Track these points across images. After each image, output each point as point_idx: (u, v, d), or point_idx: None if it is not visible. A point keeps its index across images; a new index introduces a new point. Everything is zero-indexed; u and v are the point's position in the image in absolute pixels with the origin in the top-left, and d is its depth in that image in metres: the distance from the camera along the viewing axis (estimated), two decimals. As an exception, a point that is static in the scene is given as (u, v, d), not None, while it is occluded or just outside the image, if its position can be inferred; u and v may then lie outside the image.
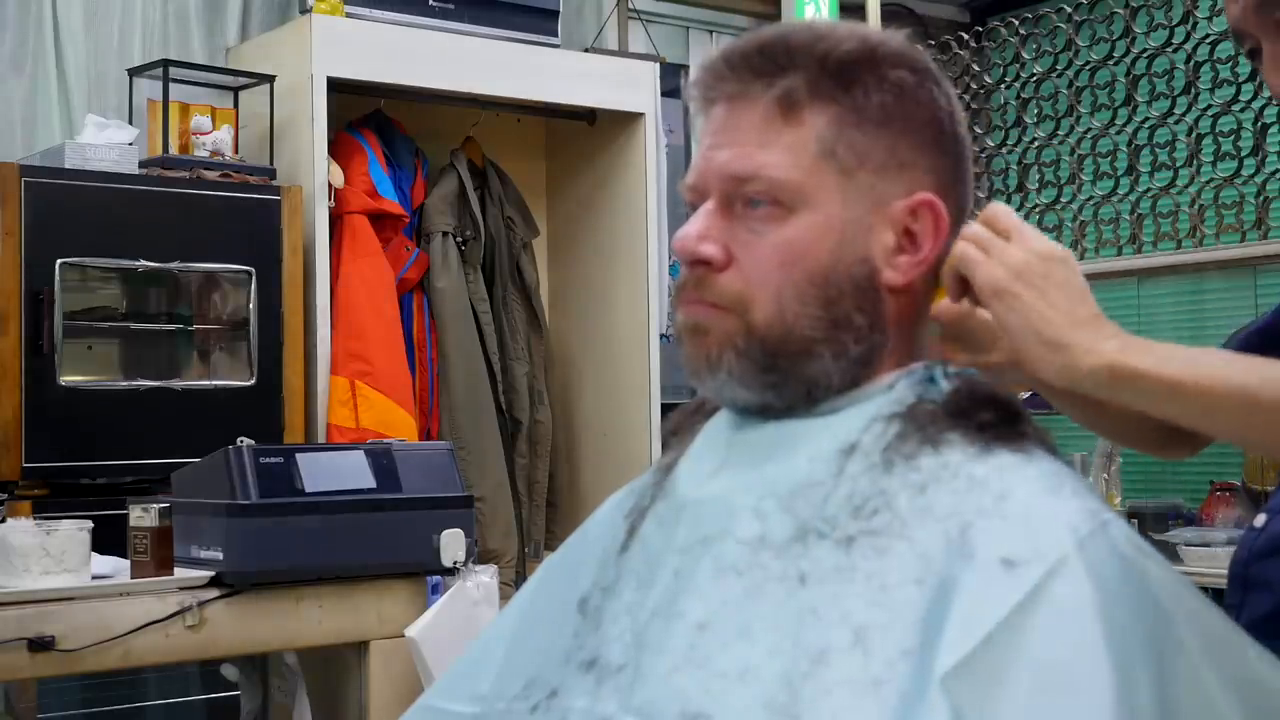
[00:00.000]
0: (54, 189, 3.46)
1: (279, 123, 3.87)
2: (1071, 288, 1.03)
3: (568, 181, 4.67)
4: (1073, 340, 1.02)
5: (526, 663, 1.11)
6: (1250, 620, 1.22)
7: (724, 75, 1.06)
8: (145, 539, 2.52)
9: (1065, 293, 1.03)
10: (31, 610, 2.38)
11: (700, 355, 1.05)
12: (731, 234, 1.05)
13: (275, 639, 2.69)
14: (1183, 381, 1.01)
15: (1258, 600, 1.22)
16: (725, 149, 1.05)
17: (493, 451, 4.17)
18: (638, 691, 0.99)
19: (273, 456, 2.70)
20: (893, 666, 0.90)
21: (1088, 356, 1.01)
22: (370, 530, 2.74)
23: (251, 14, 4.36)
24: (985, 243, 1.04)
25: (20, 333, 3.40)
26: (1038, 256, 1.03)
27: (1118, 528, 0.94)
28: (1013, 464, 0.98)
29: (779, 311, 1.03)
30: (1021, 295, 1.02)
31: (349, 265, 3.89)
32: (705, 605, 0.99)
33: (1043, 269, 1.03)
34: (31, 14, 4.00)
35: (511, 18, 4.24)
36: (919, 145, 1.05)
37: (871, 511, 0.97)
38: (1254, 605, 1.22)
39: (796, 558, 0.97)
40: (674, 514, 1.06)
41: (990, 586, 0.90)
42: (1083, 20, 4.22)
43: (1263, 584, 1.22)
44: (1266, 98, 3.81)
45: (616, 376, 4.46)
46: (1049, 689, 0.86)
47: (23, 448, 3.39)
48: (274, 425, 3.68)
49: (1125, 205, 4.11)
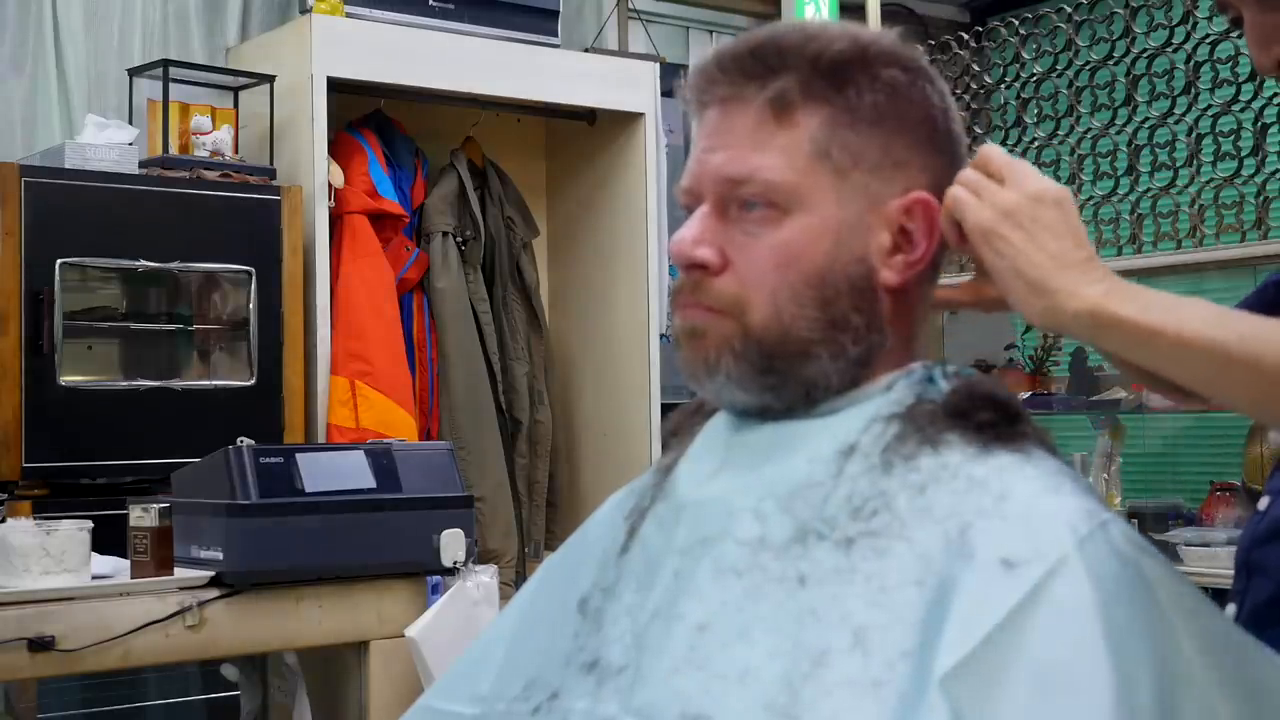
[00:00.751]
0: (54, 189, 3.46)
1: (279, 123, 3.87)
2: (1062, 229, 1.01)
3: (568, 181, 4.67)
4: (1058, 284, 1.00)
5: (527, 663, 1.11)
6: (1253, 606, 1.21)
7: (716, 78, 1.06)
8: (145, 539, 2.52)
9: (1054, 235, 1.01)
10: (31, 610, 2.38)
11: (698, 359, 1.05)
12: (727, 237, 1.04)
13: (275, 639, 2.69)
14: (1162, 330, 0.99)
15: (1259, 586, 1.21)
16: (719, 152, 1.05)
17: (493, 451, 4.17)
18: (638, 693, 0.99)
19: (273, 456, 2.70)
20: (892, 667, 0.90)
21: (1071, 300, 1.00)
22: (370, 530, 2.74)
23: (251, 14, 4.36)
24: (976, 185, 1.03)
25: (20, 333, 3.40)
26: (1028, 198, 1.02)
27: (1117, 528, 0.94)
28: (1012, 464, 0.98)
29: (776, 313, 1.02)
30: (1009, 238, 1.01)
31: (349, 265, 3.89)
32: (705, 607, 0.99)
33: (1032, 211, 1.01)
34: (31, 14, 4.00)
35: (511, 18, 4.24)
36: (913, 144, 1.05)
37: (871, 512, 0.97)
38: (1256, 591, 1.21)
39: (796, 559, 0.97)
40: (673, 515, 1.06)
41: (990, 587, 0.90)
42: (1083, 20, 4.22)
43: (1264, 569, 1.21)
44: (1266, 98, 3.81)
45: (616, 376, 4.46)
46: (1049, 689, 0.85)
47: (23, 448, 3.39)
48: (274, 425, 3.68)
49: (1125, 205, 4.11)
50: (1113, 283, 1.01)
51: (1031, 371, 4.32)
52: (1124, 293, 1.00)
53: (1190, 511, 3.94)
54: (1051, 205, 1.02)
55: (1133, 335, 1.00)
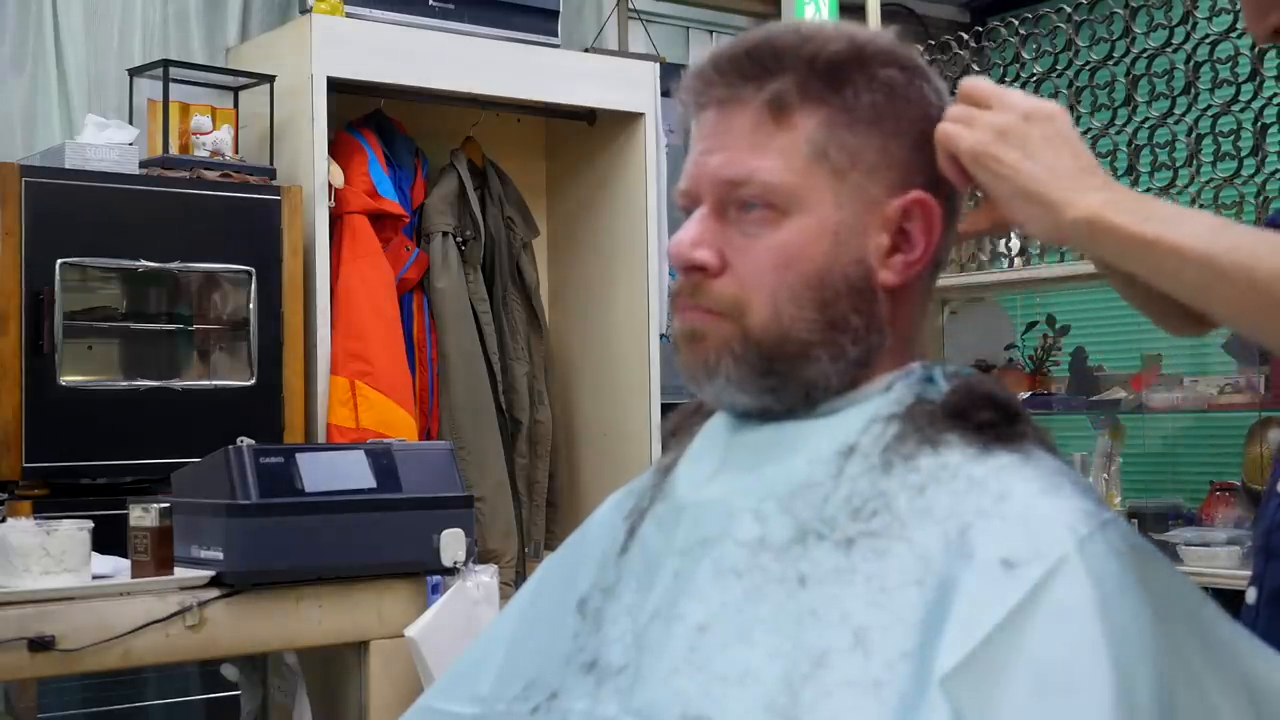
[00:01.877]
0: (54, 189, 3.46)
1: (279, 123, 3.87)
2: (1058, 142, 1.00)
3: (568, 181, 4.67)
4: (1056, 194, 0.99)
5: (526, 664, 1.11)
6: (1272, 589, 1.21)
7: (713, 80, 1.06)
8: (145, 539, 2.52)
9: (1050, 148, 1.00)
10: (31, 610, 2.38)
11: (698, 361, 1.05)
12: (726, 239, 1.04)
13: (275, 639, 2.69)
14: (1158, 240, 0.97)
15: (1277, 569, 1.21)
16: (717, 154, 1.05)
17: (493, 451, 4.17)
18: (638, 693, 0.99)
19: (273, 456, 2.70)
20: (893, 668, 0.90)
21: (1069, 210, 0.99)
22: (370, 530, 2.74)
23: (251, 14, 4.36)
24: (965, 116, 1.02)
25: (20, 333, 3.40)
26: (1019, 116, 1.01)
27: (1117, 527, 0.94)
28: (1012, 464, 0.97)
29: (775, 315, 1.02)
30: (1003, 157, 1.00)
31: (349, 265, 3.89)
32: (705, 607, 0.99)
33: (1024, 128, 1.01)
34: (31, 14, 4.00)
35: (511, 18, 4.24)
36: (911, 144, 1.05)
37: (871, 513, 0.97)
38: (1274, 574, 1.21)
39: (796, 559, 0.97)
40: (673, 516, 1.06)
41: (990, 587, 0.89)
42: (1083, 20, 4.22)
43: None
44: (1266, 97, 3.81)
45: (616, 376, 4.46)
46: (1049, 689, 0.85)
47: (23, 448, 3.39)
48: (274, 425, 3.68)
49: (1125, 205, 4.10)
50: (1113, 192, 0.99)
51: (1031, 371, 4.32)
52: (1124, 202, 0.99)
53: (1190, 511, 3.94)
54: (1044, 120, 1.01)
55: (1128, 244, 0.98)
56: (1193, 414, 4.10)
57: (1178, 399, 3.88)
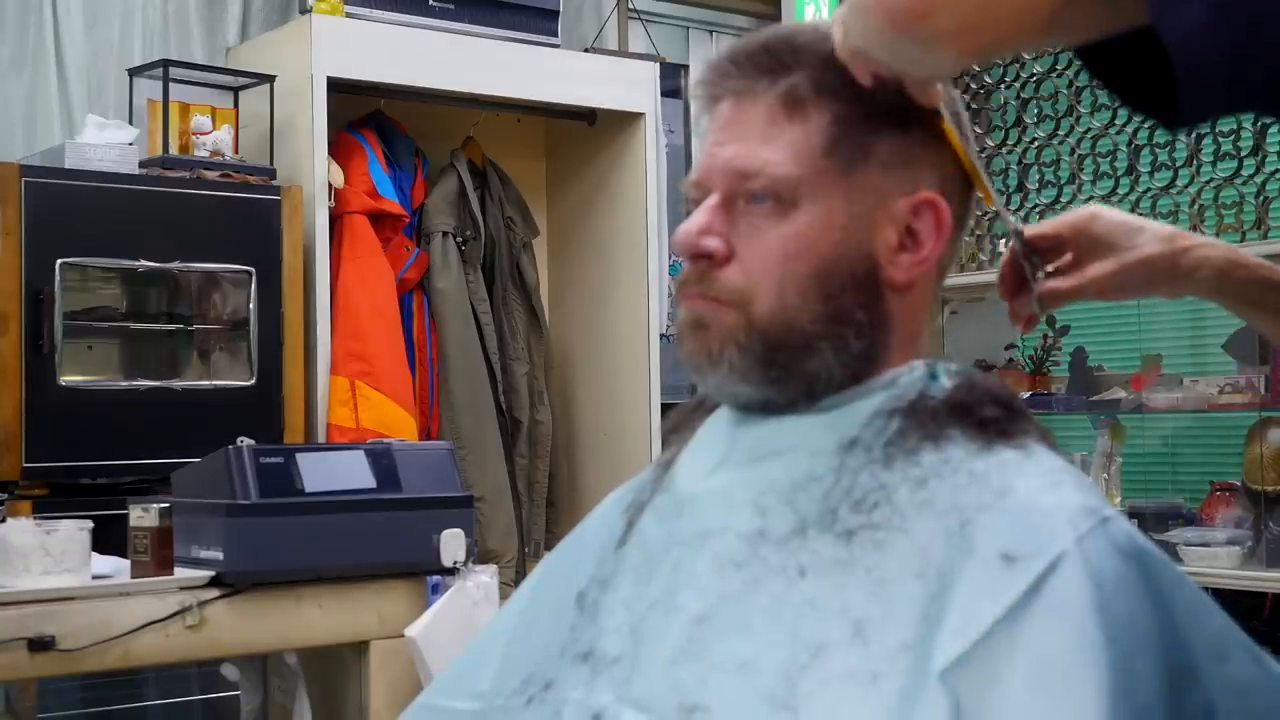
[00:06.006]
0: (54, 189, 3.46)
1: (279, 123, 3.87)
2: None
3: (568, 181, 4.67)
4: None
5: (525, 659, 1.11)
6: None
7: (729, 72, 1.07)
8: (145, 539, 2.52)
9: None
10: (31, 610, 2.37)
11: (702, 350, 1.05)
12: (733, 229, 1.05)
13: (275, 639, 2.69)
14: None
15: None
16: (729, 145, 1.05)
17: (493, 451, 4.17)
18: (635, 683, 0.99)
19: (273, 456, 2.69)
20: (891, 660, 0.90)
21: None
22: (370, 530, 2.74)
23: (251, 14, 4.36)
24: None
25: (20, 333, 3.40)
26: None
27: (1118, 524, 0.94)
28: (1013, 460, 0.98)
29: (780, 306, 1.02)
30: (846, 20, 0.96)
31: (349, 265, 3.89)
32: (704, 598, 0.99)
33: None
34: (31, 14, 4.00)
35: (511, 18, 4.24)
36: (923, 142, 1.05)
37: (871, 505, 0.97)
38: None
39: (796, 551, 0.97)
40: (674, 509, 1.06)
41: (990, 581, 0.90)
42: (1083, 20, 4.21)
43: None
44: (1266, 97, 3.81)
45: (616, 376, 4.46)
46: (1047, 684, 0.85)
47: (23, 448, 3.39)
48: (274, 425, 3.68)
49: (1125, 205, 4.11)
50: None
51: (1031, 371, 4.32)
52: None
53: (1190, 511, 3.93)
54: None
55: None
56: (1193, 414, 4.09)
57: (1178, 399, 3.88)
